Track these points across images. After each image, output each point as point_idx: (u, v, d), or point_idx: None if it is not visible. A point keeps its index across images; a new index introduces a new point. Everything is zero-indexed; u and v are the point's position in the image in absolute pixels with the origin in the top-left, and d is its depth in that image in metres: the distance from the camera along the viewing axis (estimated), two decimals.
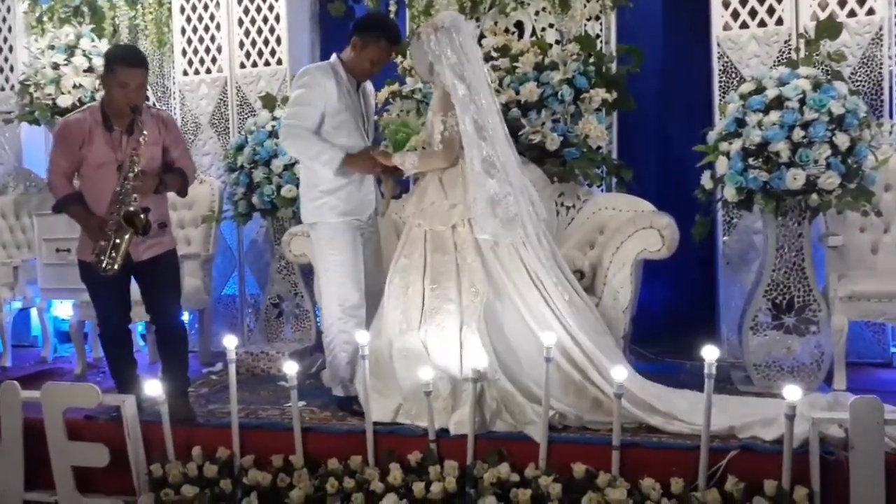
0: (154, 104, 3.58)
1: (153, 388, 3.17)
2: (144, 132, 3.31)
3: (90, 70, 5.13)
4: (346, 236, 3.45)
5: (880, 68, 4.16)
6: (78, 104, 5.01)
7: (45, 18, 5.50)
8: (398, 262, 3.39)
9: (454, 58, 3.24)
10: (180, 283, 3.63)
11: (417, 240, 3.36)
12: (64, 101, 5.08)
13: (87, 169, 3.39)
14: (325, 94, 3.38)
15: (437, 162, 3.33)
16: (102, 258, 3.28)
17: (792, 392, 2.64)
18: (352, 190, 3.45)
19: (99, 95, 4.99)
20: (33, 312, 5.34)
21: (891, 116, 4.18)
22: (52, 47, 5.18)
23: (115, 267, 3.28)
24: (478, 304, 3.21)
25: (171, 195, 3.61)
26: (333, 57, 3.51)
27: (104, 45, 5.19)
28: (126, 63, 3.33)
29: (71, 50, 5.17)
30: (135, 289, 3.55)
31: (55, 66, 5.13)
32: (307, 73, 3.45)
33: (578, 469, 2.89)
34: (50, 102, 5.12)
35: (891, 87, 4.20)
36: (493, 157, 3.23)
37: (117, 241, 3.27)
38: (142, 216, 3.26)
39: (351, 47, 3.46)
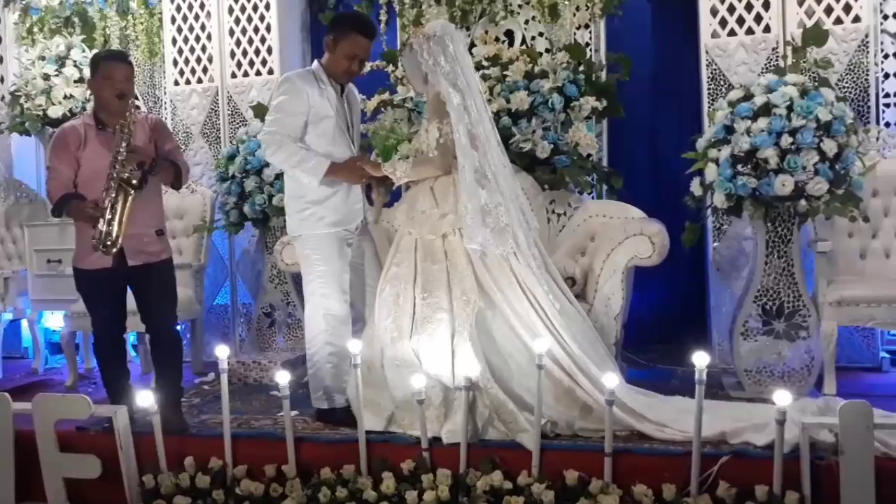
0: (138, 109, 3.58)
1: (145, 398, 3.16)
2: (137, 103, 3.34)
3: (81, 80, 5.13)
4: (333, 247, 3.40)
5: (866, 75, 4.20)
6: (69, 115, 5.03)
7: (35, 29, 5.50)
8: (389, 270, 3.39)
9: (448, 67, 3.24)
10: (176, 292, 3.62)
11: (408, 248, 3.36)
12: (55, 111, 5.08)
13: (84, 173, 3.37)
14: (306, 101, 3.33)
15: (431, 169, 3.33)
16: (103, 235, 3.23)
17: (782, 397, 2.65)
18: (339, 200, 3.41)
19: (90, 106, 4.99)
20: (24, 324, 5.33)
21: (877, 122, 4.22)
22: (42, 58, 5.19)
23: (118, 241, 3.23)
24: (469, 312, 3.21)
25: (166, 205, 3.59)
26: (315, 63, 3.47)
27: None
28: (109, 58, 3.43)
29: (62, 60, 5.18)
30: (130, 299, 3.54)
31: (46, 77, 5.14)
32: (287, 81, 3.40)
33: (571, 476, 2.89)
34: (41, 113, 5.12)
35: (877, 94, 4.24)
36: (484, 167, 3.23)
37: (116, 207, 3.24)
38: (137, 172, 3.24)
39: (326, 48, 3.43)
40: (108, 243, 3.24)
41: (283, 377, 3.11)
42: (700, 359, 2.76)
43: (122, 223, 3.25)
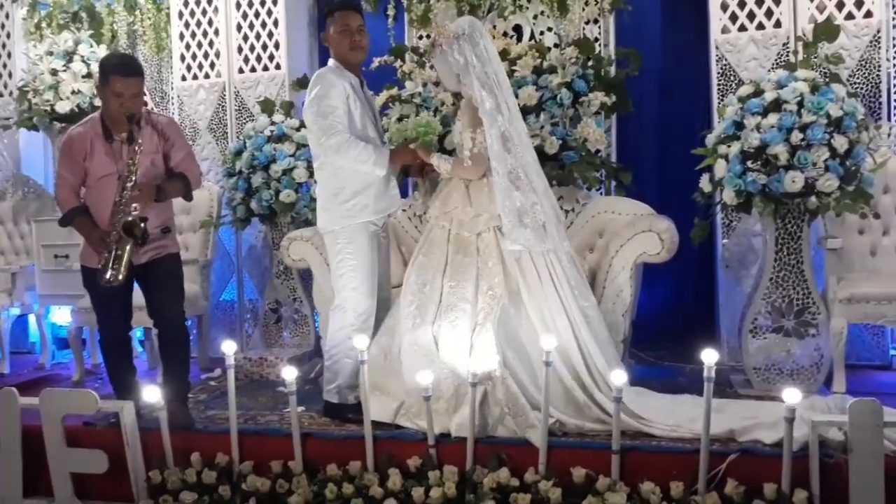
0: (152, 109, 3.59)
1: (152, 394, 3.16)
2: (140, 141, 3.30)
3: (89, 76, 5.12)
4: (366, 241, 3.42)
5: (878, 71, 4.16)
6: (76, 110, 5.02)
7: (43, 24, 5.51)
8: (416, 259, 3.43)
9: (479, 65, 3.23)
10: (183, 286, 3.62)
11: (440, 240, 3.39)
12: (62, 106, 5.08)
13: (90, 181, 3.41)
14: (343, 94, 3.36)
15: (466, 174, 3.36)
16: (106, 269, 3.28)
17: (791, 395, 2.63)
18: (380, 187, 3.43)
19: (97, 101, 5.00)
20: (31, 319, 5.34)
21: (889, 119, 4.18)
22: (50, 53, 5.19)
23: (120, 278, 3.28)
24: (494, 305, 3.22)
25: (177, 199, 3.60)
26: (330, 61, 3.48)
27: (103, 51, 5.19)
28: (120, 72, 3.32)
29: (69, 56, 5.17)
30: (137, 294, 3.54)
31: (54, 72, 5.13)
32: (321, 78, 3.39)
33: (578, 473, 2.88)
34: (48, 108, 5.12)
35: (888, 90, 4.20)
36: (517, 168, 3.24)
37: (118, 252, 3.27)
38: (141, 225, 3.26)
39: (326, 43, 3.50)
40: (111, 280, 3.27)
41: (289, 373, 3.10)
42: (709, 356, 2.74)
43: (125, 265, 3.28)
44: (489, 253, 3.30)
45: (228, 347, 3.24)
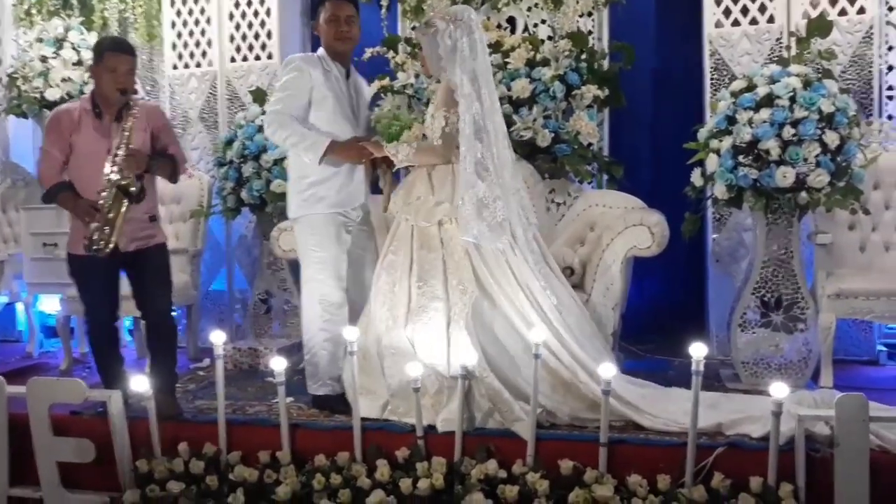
0: (143, 97, 3.59)
1: (140, 383, 3.15)
2: (135, 111, 3.32)
3: (79, 63, 5.09)
4: (330, 231, 3.40)
5: (870, 67, 4.18)
6: (66, 98, 4.99)
7: (33, 11, 5.44)
8: (385, 258, 3.37)
9: (467, 53, 3.19)
10: (171, 277, 3.61)
11: (404, 236, 3.33)
12: (52, 94, 5.04)
13: (76, 157, 3.39)
14: (309, 80, 3.35)
15: (433, 157, 3.29)
16: (95, 237, 3.25)
17: (779, 389, 2.64)
18: (341, 181, 3.40)
19: (87, 89, 4.97)
20: (19, 307, 5.31)
21: (880, 115, 4.20)
22: (40, 40, 5.14)
23: (109, 245, 3.26)
24: (466, 301, 3.18)
25: (160, 189, 3.59)
26: (319, 49, 3.48)
27: (93, 39, 5.15)
28: (114, 49, 3.38)
29: (60, 43, 5.13)
30: (124, 283, 3.53)
31: (43, 59, 5.09)
32: (292, 62, 3.42)
33: (566, 466, 2.88)
34: (38, 95, 5.08)
35: (880, 86, 4.22)
36: (486, 159, 3.17)
37: (110, 214, 3.26)
38: (133, 188, 3.26)
39: (318, 32, 3.48)
40: (99, 247, 3.25)
41: (278, 363, 3.09)
42: (697, 350, 2.75)
43: (116, 230, 3.26)
44: (454, 245, 3.24)
45: (217, 337, 3.23)
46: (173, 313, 3.65)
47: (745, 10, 4.30)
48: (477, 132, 3.16)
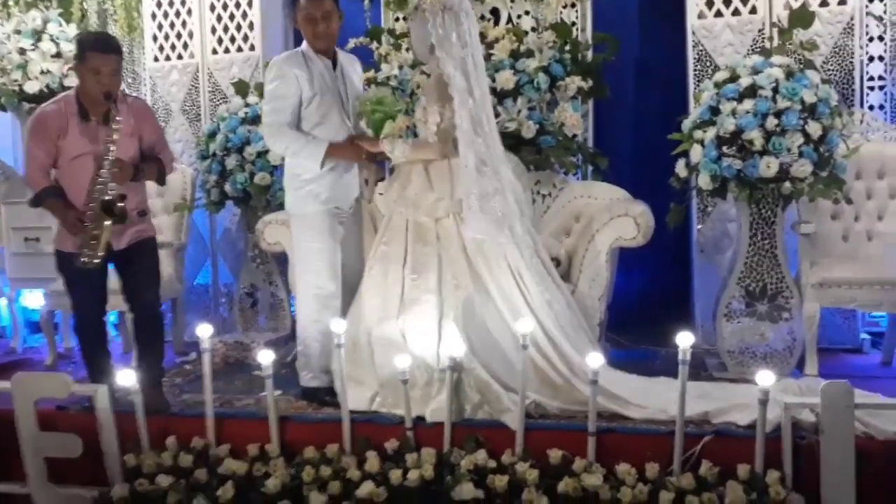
0: (124, 91, 3.52)
1: (126, 377, 3.13)
2: (119, 119, 3.24)
3: (58, 55, 5.03)
4: (325, 225, 3.40)
5: (851, 58, 4.21)
6: (45, 90, 4.94)
7: (10, 2, 5.37)
8: (378, 249, 3.37)
9: (458, 44, 3.15)
10: (159, 271, 3.59)
11: (399, 228, 3.33)
12: (31, 86, 4.99)
13: (63, 161, 3.33)
14: (296, 83, 3.32)
15: (429, 153, 3.28)
16: (83, 251, 3.24)
17: (765, 378, 2.67)
18: (335, 177, 3.41)
19: (67, 81, 4.93)
20: (2, 302, 5.25)
21: (861, 105, 4.24)
22: (18, 32, 5.07)
23: (97, 259, 3.24)
24: (458, 296, 3.19)
25: (150, 183, 3.56)
26: (303, 44, 3.45)
27: (72, 30, 5.10)
28: (98, 49, 3.27)
29: (38, 35, 5.06)
30: (112, 278, 3.50)
31: (22, 52, 5.03)
32: (274, 66, 3.38)
33: (555, 455, 2.90)
34: (17, 88, 5.02)
35: (861, 77, 4.26)
36: (484, 154, 3.17)
37: (96, 231, 3.23)
38: (119, 204, 3.22)
39: (297, 26, 3.43)
40: (88, 262, 3.24)
41: (266, 356, 3.09)
42: (684, 339, 2.77)
43: (101, 245, 3.24)
44: (450, 240, 3.25)
45: (204, 331, 3.22)
46: (161, 307, 3.62)
47: (727, 2, 4.32)
48: (475, 126, 3.15)
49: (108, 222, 3.22)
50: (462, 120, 3.14)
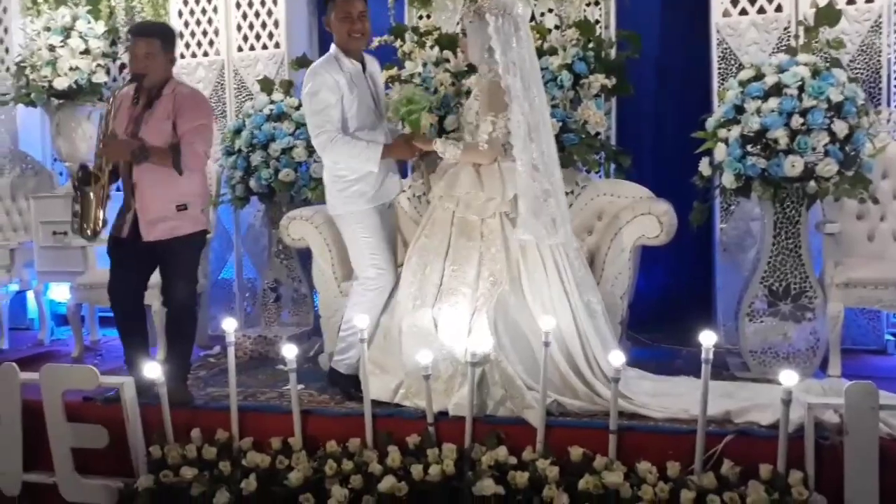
0: (177, 79, 3.59)
1: (152, 370, 3.17)
2: (141, 101, 3.44)
3: (86, 52, 5.09)
4: (375, 218, 3.47)
5: (879, 56, 4.17)
6: (74, 86, 5.01)
7: (40, 0, 5.45)
8: (418, 241, 3.43)
9: (517, 50, 3.17)
10: (193, 267, 3.63)
11: (443, 222, 3.38)
12: (60, 83, 5.04)
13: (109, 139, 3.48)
14: (337, 89, 3.36)
15: (478, 158, 3.32)
16: (73, 222, 3.46)
17: (788, 377, 2.66)
18: (380, 176, 3.46)
19: (95, 77, 5.02)
20: (30, 295, 5.34)
21: (889, 104, 4.19)
22: (47, 29, 5.14)
23: (87, 232, 3.42)
24: (494, 292, 3.22)
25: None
26: (332, 47, 3.48)
27: (100, 27, 5.16)
28: (131, 32, 3.56)
29: (67, 32, 5.12)
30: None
31: (51, 48, 5.09)
32: (314, 74, 3.40)
33: (576, 452, 2.90)
34: (46, 84, 5.07)
35: (889, 75, 4.21)
36: (537, 159, 3.20)
37: (76, 207, 3.41)
38: (100, 181, 3.38)
39: (328, 28, 3.49)
40: (81, 235, 3.45)
41: (289, 350, 3.12)
42: (707, 338, 2.76)
43: (90, 219, 3.42)
44: (493, 239, 3.29)
45: (229, 325, 3.26)
46: (194, 305, 3.68)
47: (752, 0, 4.29)
48: (529, 132, 3.18)
49: (90, 194, 3.38)
50: (518, 126, 3.17)
